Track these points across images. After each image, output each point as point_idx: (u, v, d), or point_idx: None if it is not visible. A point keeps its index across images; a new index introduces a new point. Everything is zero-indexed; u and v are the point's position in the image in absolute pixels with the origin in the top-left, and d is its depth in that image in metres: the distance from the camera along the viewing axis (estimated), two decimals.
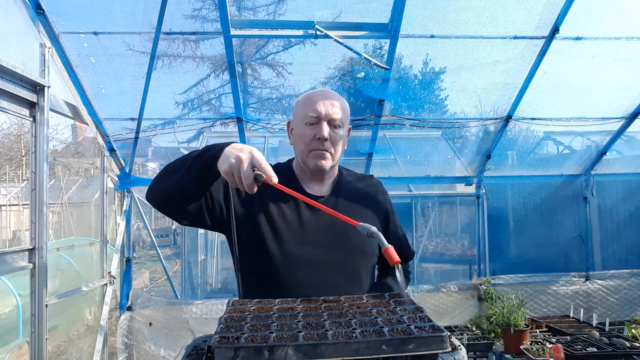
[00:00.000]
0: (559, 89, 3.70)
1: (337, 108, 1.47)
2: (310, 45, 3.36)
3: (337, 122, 1.46)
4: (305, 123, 1.46)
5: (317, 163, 1.47)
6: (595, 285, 4.25)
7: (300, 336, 0.75)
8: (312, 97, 1.48)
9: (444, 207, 5.47)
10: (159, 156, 14.26)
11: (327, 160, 1.47)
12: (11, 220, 12.46)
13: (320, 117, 1.44)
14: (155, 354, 3.61)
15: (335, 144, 1.48)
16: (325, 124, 1.45)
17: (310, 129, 1.46)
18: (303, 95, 1.54)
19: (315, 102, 1.46)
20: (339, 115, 1.47)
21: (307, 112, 1.45)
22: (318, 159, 1.47)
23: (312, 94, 1.50)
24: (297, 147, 1.52)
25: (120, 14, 2.92)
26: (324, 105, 1.45)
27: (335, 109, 1.47)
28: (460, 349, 0.82)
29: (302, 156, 1.49)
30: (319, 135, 1.43)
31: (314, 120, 1.45)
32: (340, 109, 1.48)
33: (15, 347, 3.86)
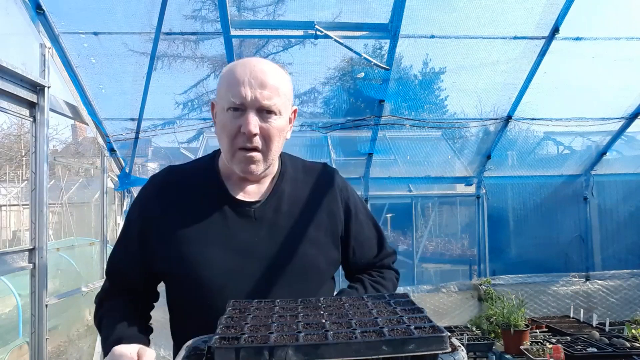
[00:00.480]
0: (559, 89, 3.70)
1: (269, 89, 1.09)
2: (310, 46, 3.36)
3: (271, 109, 1.10)
4: (227, 109, 1.10)
5: (245, 168, 1.13)
6: (595, 285, 4.25)
7: (301, 337, 0.75)
8: (236, 73, 1.10)
9: (444, 207, 5.47)
10: (159, 156, 14.25)
11: (257, 164, 1.13)
12: (11, 220, 12.46)
13: (246, 103, 1.08)
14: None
15: (269, 139, 1.11)
16: (253, 113, 1.08)
17: (233, 117, 1.09)
18: (226, 68, 1.16)
19: (239, 81, 1.08)
20: (274, 99, 1.09)
21: (229, 95, 1.08)
22: (245, 164, 1.12)
23: (237, 67, 1.11)
24: (220, 141, 1.16)
25: (120, 14, 2.92)
26: (250, 86, 1.07)
27: (266, 92, 1.08)
28: (460, 350, 0.82)
29: (227, 155, 1.15)
30: (244, 129, 1.08)
31: (238, 106, 1.08)
32: (276, 90, 1.10)
33: (15, 347, 3.86)
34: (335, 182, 1.29)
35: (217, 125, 1.17)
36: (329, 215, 1.23)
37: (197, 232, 1.13)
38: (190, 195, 1.19)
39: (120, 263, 1.23)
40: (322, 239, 1.21)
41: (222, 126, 1.13)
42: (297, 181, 1.25)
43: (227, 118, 1.11)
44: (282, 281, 1.13)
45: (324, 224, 1.22)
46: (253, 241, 1.14)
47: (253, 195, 1.20)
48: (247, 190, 1.20)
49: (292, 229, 1.18)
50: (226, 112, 1.10)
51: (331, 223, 1.23)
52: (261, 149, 1.12)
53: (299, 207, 1.21)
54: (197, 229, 1.14)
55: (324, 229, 1.22)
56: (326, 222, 1.22)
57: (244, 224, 1.15)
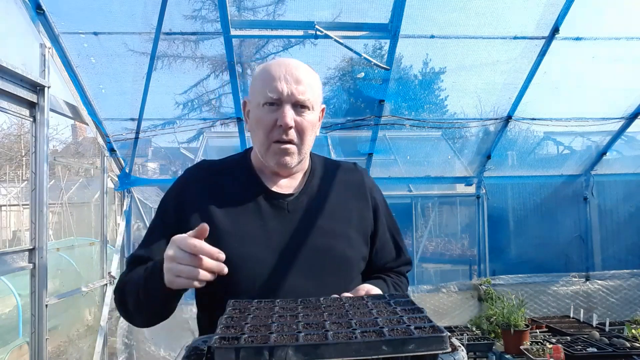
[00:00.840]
0: (559, 89, 3.70)
1: (304, 85, 1.15)
2: (310, 46, 3.36)
3: (304, 103, 1.15)
4: (264, 105, 1.15)
5: (280, 160, 1.17)
6: (595, 285, 4.25)
7: (301, 337, 0.75)
8: (271, 70, 1.16)
9: (444, 207, 5.47)
10: (159, 156, 14.25)
11: (291, 156, 1.17)
12: (11, 220, 12.46)
13: (282, 98, 1.13)
14: (155, 355, 3.61)
15: (303, 133, 1.17)
16: (289, 107, 1.14)
17: (270, 112, 1.15)
18: (260, 67, 1.22)
19: (275, 77, 1.14)
20: (308, 94, 1.15)
21: (266, 90, 1.14)
22: (280, 155, 1.17)
23: (272, 65, 1.17)
24: (255, 136, 1.20)
25: (120, 14, 2.92)
26: (286, 81, 1.13)
27: (301, 87, 1.14)
28: (460, 350, 0.82)
29: (261, 149, 1.19)
30: (280, 122, 1.13)
31: (274, 101, 1.14)
32: (309, 86, 1.16)
33: (15, 347, 3.86)
34: (365, 181, 1.33)
35: (252, 120, 1.21)
36: (359, 213, 1.27)
37: (232, 222, 1.16)
38: (225, 186, 1.22)
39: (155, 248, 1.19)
40: (353, 235, 1.23)
41: (257, 120, 1.17)
42: (327, 178, 1.29)
43: (263, 112, 1.16)
44: (315, 275, 1.15)
45: (354, 220, 1.25)
46: (286, 233, 1.17)
47: (286, 189, 1.23)
48: (279, 184, 1.24)
49: (324, 224, 1.20)
50: (262, 107, 1.15)
51: (361, 220, 1.26)
52: (295, 142, 1.17)
53: (330, 203, 1.24)
54: (232, 219, 1.17)
55: (355, 226, 1.24)
56: (357, 219, 1.25)
57: (277, 216, 1.19)
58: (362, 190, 1.31)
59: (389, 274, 1.33)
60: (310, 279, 1.14)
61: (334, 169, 1.33)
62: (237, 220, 1.16)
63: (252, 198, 1.20)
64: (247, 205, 1.19)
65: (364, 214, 1.27)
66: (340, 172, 1.33)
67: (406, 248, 1.39)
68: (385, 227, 1.32)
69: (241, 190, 1.22)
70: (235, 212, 1.18)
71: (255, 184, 1.22)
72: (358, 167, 1.37)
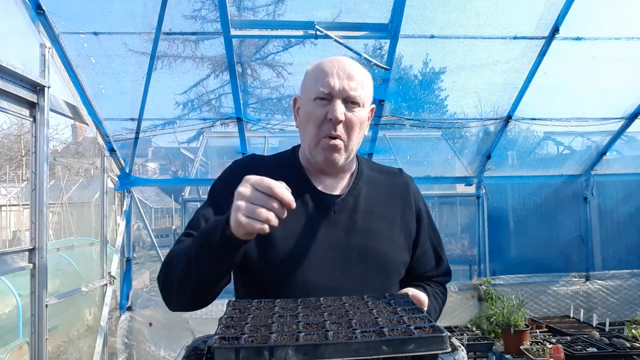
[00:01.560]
0: (559, 89, 3.70)
1: (356, 82, 1.15)
2: (310, 46, 3.36)
3: (355, 99, 1.15)
4: (315, 99, 1.15)
5: (328, 156, 1.17)
6: (595, 285, 4.25)
7: (301, 337, 0.75)
8: (324, 66, 1.17)
9: (444, 207, 5.47)
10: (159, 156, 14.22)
11: (339, 153, 1.17)
12: (11, 220, 12.46)
13: (333, 92, 1.14)
14: (155, 354, 3.61)
15: (352, 129, 1.17)
16: (340, 102, 1.14)
17: (320, 106, 1.15)
18: (313, 64, 1.23)
19: (328, 73, 1.15)
20: (359, 90, 1.16)
21: (318, 85, 1.14)
22: (329, 151, 1.16)
23: (324, 62, 1.19)
24: (304, 131, 1.20)
25: (120, 14, 2.92)
26: (338, 77, 1.14)
27: (353, 83, 1.15)
28: (460, 350, 0.82)
29: (310, 144, 1.19)
30: (330, 115, 1.13)
31: (325, 96, 1.14)
32: (361, 83, 1.17)
33: (15, 347, 3.86)
34: (411, 187, 1.34)
35: (302, 116, 1.21)
36: (403, 218, 1.27)
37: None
38: None
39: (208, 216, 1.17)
40: (397, 239, 1.23)
41: (308, 115, 1.18)
42: (374, 182, 1.29)
43: (313, 107, 1.16)
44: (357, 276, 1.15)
45: (399, 225, 1.25)
46: (331, 234, 1.16)
47: (332, 190, 1.24)
48: (326, 183, 1.24)
49: (369, 226, 1.20)
50: (313, 102, 1.16)
51: (405, 226, 1.26)
52: (343, 137, 1.16)
53: (376, 206, 1.24)
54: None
55: (399, 230, 1.24)
56: (400, 224, 1.25)
57: (323, 216, 1.18)
58: (407, 196, 1.31)
59: (428, 283, 1.33)
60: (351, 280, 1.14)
61: (380, 172, 1.34)
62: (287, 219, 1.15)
63: (299, 196, 1.16)
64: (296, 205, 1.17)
65: (408, 219, 1.28)
66: (386, 176, 1.33)
67: (446, 259, 1.39)
68: (426, 235, 1.32)
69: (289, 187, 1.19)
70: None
71: (303, 183, 1.22)
72: (404, 173, 1.38)
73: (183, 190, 6.51)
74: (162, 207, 17.53)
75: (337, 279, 1.13)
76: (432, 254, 1.34)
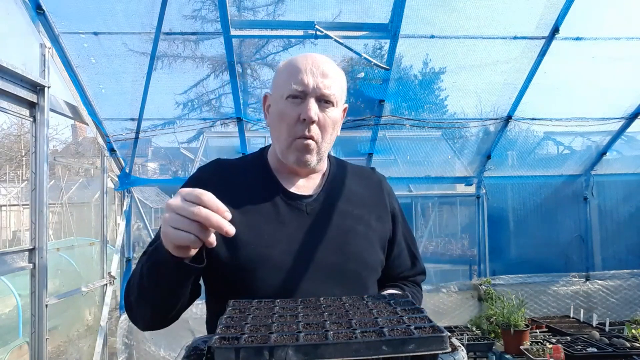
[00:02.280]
0: (559, 89, 3.70)
1: (330, 79, 1.11)
2: (310, 46, 3.36)
3: (329, 98, 1.11)
4: (287, 97, 1.11)
5: (300, 157, 1.13)
6: (595, 285, 4.25)
7: (301, 337, 0.75)
8: (297, 63, 1.12)
9: (444, 207, 5.47)
10: (159, 156, 14.24)
11: (312, 154, 1.13)
12: (11, 220, 12.46)
13: (307, 91, 1.09)
14: (155, 355, 3.61)
15: (325, 130, 1.13)
16: (313, 100, 1.10)
17: (293, 105, 1.10)
18: (286, 60, 1.17)
19: (301, 69, 1.10)
20: (333, 89, 1.11)
21: (291, 82, 1.10)
22: (301, 152, 1.12)
23: (298, 58, 1.14)
24: (276, 131, 1.15)
25: (120, 14, 2.92)
26: (312, 74, 1.10)
27: (327, 81, 1.11)
28: (460, 350, 0.82)
29: (282, 145, 1.14)
30: (304, 115, 1.08)
31: (298, 94, 1.10)
32: (335, 81, 1.13)
33: (15, 347, 3.86)
34: (384, 187, 1.30)
35: (273, 114, 1.16)
36: (378, 218, 1.23)
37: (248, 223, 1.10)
38: (241, 186, 1.17)
39: None
40: (372, 239, 1.20)
41: (280, 114, 1.12)
42: (346, 181, 1.25)
43: (286, 106, 1.11)
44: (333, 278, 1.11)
45: (373, 225, 1.21)
46: (304, 236, 1.12)
47: (304, 190, 1.19)
48: (297, 184, 1.20)
49: (343, 227, 1.16)
50: (285, 100, 1.11)
51: (380, 225, 1.23)
52: (316, 138, 1.12)
53: (349, 206, 1.20)
54: (249, 220, 1.11)
55: (373, 230, 1.21)
56: (375, 224, 1.22)
57: (295, 218, 1.14)
58: (381, 196, 1.27)
59: (405, 283, 1.30)
60: (328, 283, 1.10)
61: (352, 172, 1.29)
62: (254, 221, 1.11)
63: (269, 199, 1.15)
64: (264, 206, 1.14)
65: (383, 218, 1.24)
66: (358, 176, 1.29)
67: (421, 258, 1.36)
68: (401, 235, 1.29)
69: (258, 190, 1.17)
70: (251, 213, 1.12)
71: (273, 184, 1.18)
72: (377, 172, 1.34)
73: None
74: (162, 207, 17.53)
75: (314, 280, 1.09)
76: (408, 254, 1.31)
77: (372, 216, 1.22)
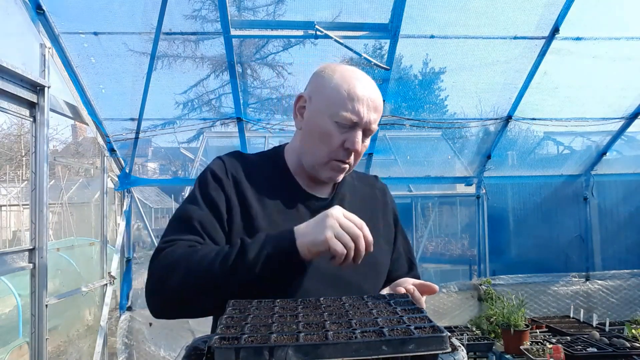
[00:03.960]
0: (559, 89, 3.70)
1: (378, 113, 1.13)
2: (310, 46, 3.36)
3: (372, 132, 1.15)
4: (337, 122, 1.10)
5: (333, 177, 1.17)
6: (595, 285, 4.25)
7: (301, 337, 0.75)
8: (357, 89, 1.10)
9: (444, 207, 5.47)
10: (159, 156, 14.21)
11: (342, 174, 1.19)
12: (11, 220, 12.45)
13: (360, 123, 1.10)
14: (155, 355, 3.61)
15: (359, 156, 1.17)
16: (361, 132, 1.12)
17: (340, 131, 1.11)
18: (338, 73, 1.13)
19: (360, 99, 1.09)
20: (377, 122, 1.15)
21: (345, 109, 1.09)
22: (335, 172, 1.16)
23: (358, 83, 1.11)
24: (311, 144, 1.15)
25: (120, 14, 2.92)
26: (368, 108, 1.10)
27: (375, 115, 1.13)
28: (460, 350, 0.82)
29: (318, 161, 1.15)
30: (350, 146, 1.11)
31: (351, 124, 1.10)
32: (380, 113, 1.16)
33: (15, 347, 3.86)
34: (387, 193, 1.36)
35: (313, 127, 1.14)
36: (385, 222, 1.29)
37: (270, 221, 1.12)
38: (262, 181, 1.19)
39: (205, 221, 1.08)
40: (381, 242, 1.24)
41: (323, 134, 1.12)
42: (354, 188, 1.30)
43: (333, 129, 1.11)
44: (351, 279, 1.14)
45: (381, 228, 1.26)
46: None
47: (319, 192, 1.23)
48: (313, 187, 1.23)
49: None
50: (333, 123, 1.11)
51: (386, 230, 1.29)
52: (351, 163, 1.17)
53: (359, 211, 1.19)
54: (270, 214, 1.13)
55: (382, 233, 1.25)
56: (382, 228, 1.27)
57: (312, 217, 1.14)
58: (385, 202, 1.33)
59: None
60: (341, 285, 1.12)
61: (359, 178, 1.35)
62: (276, 216, 1.13)
63: (289, 198, 1.17)
64: (283, 204, 1.16)
65: (389, 224, 1.30)
66: (364, 183, 1.34)
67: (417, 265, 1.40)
68: (400, 240, 1.34)
69: (278, 188, 1.19)
70: (272, 209, 1.14)
71: (292, 185, 1.21)
72: (380, 180, 1.40)
73: (183, 190, 6.52)
74: (162, 207, 17.53)
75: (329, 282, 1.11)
76: (405, 259, 1.35)
77: (379, 221, 1.27)
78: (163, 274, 1.01)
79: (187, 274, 0.97)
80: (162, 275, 1.01)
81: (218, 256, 0.97)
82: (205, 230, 1.08)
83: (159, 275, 1.02)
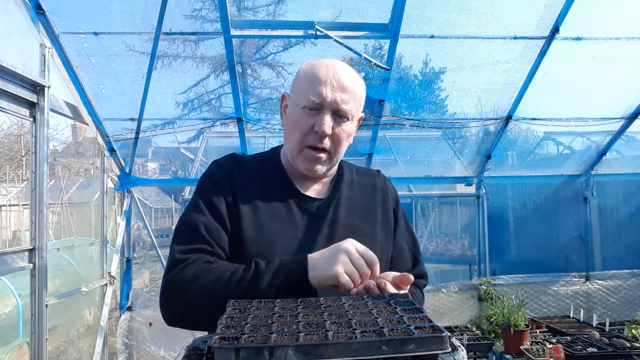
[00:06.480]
0: (559, 89, 3.70)
1: (348, 94, 1.12)
2: (310, 46, 3.36)
3: (345, 114, 1.12)
4: (304, 107, 1.12)
5: (309, 167, 1.17)
6: (595, 285, 4.25)
7: (301, 337, 0.75)
8: (319, 72, 1.12)
9: (444, 207, 5.47)
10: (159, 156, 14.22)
11: (322, 165, 1.17)
12: (11, 220, 12.46)
13: (324, 104, 1.10)
14: (155, 355, 3.61)
15: (338, 143, 1.15)
16: (329, 115, 1.11)
17: (309, 116, 1.12)
18: (309, 64, 1.17)
19: (322, 81, 1.10)
20: (350, 104, 1.12)
21: (309, 93, 1.10)
22: (311, 162, 1.16)
23: (320, 67, 1.13)
24: (289, 136, 1.18)
25: (120, 14, 2.92)
26: (332, 87, 1.10)
27: (346, 96, 1.11)
28: (460, 350, 0.82)
29: (293, 151, 1.17)
30: (317, 128, 1.11)
31: (315, 105, 1.11)
32: (353, 96, 1.13)
33: (15, 347, 3.86)
34: (389, 187, 1.35)
35: (289, 119, 1.18)
36: (384, 217, 1.28)
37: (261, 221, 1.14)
38: (258, 183, 1.20)
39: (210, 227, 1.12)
40: (379, 233, 1.24)
41: (294, 122, 1.15)
42: (353, 183, 1.29)
43: (301, 115, 1.13)
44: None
45: (380, 220, 1.26)
46: (314, 238, 1.15)
47: (314, 193, 1.23)
48: (309, 187, 1.23)
49: (351, 228, 1.19)
50: (302, 108, 1.13)
51: (386, 224, 1.27)
52: (329, 149, 1.15)
53: (357, 207, 1.24)
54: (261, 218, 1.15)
55: (380, 224, 1.25)
56: (382, 219, 1.27)
57: (306, 220, 1.17)
58: (386, 195, 1.32)
59: None
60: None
61: (359, 174, 1.34)
62: (267, 220, 1.15)
63: (283, 199, 1.18)
64: (277, 206, 1.17)
65: (389, 218, 1.29)
66: (365, 177, 1.34)
67: (423, 263, 1.37)
68: (402, 236, 1.32)
69: (272, 189, 1.20)
70: (264, 211, 1.15)
71: (287, 186, 1.21)
72: (382, 174, 1.38)
73: (183, 190, 6.51)
74: (162, 207, 17.55)
75: None
76: (409, 256, 1.33)
77: (378, 216, 1.26)
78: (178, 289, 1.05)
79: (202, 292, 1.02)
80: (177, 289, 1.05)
81: (232, 280, 1.01)
82: (211, 236, 1.12)
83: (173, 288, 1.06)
